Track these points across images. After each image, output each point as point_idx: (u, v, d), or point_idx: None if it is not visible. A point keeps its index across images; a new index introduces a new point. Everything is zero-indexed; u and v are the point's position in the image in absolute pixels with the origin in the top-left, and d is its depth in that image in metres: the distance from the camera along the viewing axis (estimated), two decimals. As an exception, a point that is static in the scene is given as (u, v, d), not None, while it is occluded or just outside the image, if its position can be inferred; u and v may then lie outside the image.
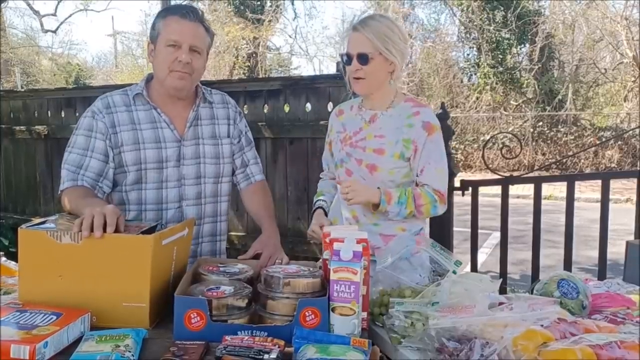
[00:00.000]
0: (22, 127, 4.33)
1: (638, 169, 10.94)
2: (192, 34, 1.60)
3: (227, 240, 1.92)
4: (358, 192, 1.68)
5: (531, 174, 3.35)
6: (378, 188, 1.71)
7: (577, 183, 2.81)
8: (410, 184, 1.79)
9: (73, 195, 1.54)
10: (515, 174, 3.03)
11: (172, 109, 1.69)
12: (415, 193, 1.72)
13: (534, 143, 13.24)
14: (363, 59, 1.70)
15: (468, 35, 14.70)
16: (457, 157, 13.23)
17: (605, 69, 14.26)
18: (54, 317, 1.15)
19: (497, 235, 4.07)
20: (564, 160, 12.45)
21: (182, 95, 1.68)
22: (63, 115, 4.16)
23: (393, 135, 1.76)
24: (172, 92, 1.65)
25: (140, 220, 1.64)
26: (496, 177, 2.85)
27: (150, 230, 1.35)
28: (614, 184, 2.95)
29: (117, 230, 1.27)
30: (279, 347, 1.08)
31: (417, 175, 1.76)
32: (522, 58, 14.32)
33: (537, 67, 13.48)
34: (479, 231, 2.99)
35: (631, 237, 2.41)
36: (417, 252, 1.67)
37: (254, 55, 15.26)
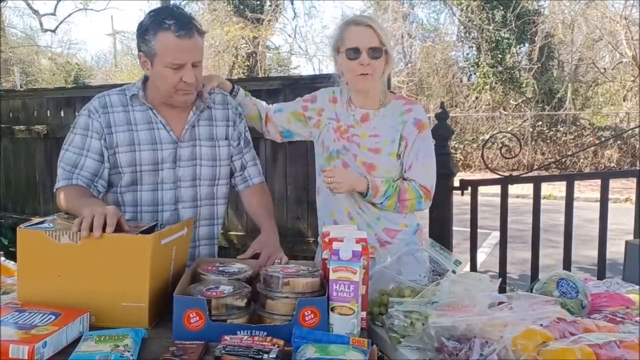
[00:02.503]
0: (21, 126, 4.32)
1: (637, 168, 10.94)
2: (192, 52, 1.54)
3: (226, 239, 1.91)
4: (341, 183, 1.70)
5: (530, 174, 3.35)
6: (365, 177, 1.72)
7: (576, 183, 2.81)
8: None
9: (69, 194, 1.53)
10: (514, 173, 3.03)
11: (169, 111, 1.67)
12: (402, 188, 1.74)
13: (533, 143, 13.25)
14: (375, 53, 1.69)
15: (467, 35, 14.70)
16: (456, 157, 13.24)
17: (604, 69, 14.28)
18: (53, 317, 1.14)
19: (496, 234, 4.07)
20: (563, 159, 12.45)
21: (186, 106, 1.67)
22: (62, 115, 4.14)
23: (388, 134, 1.76)
24: (177, 105, 1.64)
25: (137, 221, 1.63)
26: (495, 176, 2.85)
27: (149, 230, 1.35)
28: (613, 183, 2.94)
29: (120, 230, 1.27)
30: (278, 346, 1.08)
31: (405, 171, 1.78)
32: (522, 58, 14.33)
33: (536, 66, 13.48)
34: (478, 231, 2.99)
35: (630, 237, 2.41)
36: (418, 250, 1.69)
37: (253, 54, 15.24)
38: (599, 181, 2.70)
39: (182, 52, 1.53)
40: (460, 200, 3.01)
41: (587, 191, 9.01)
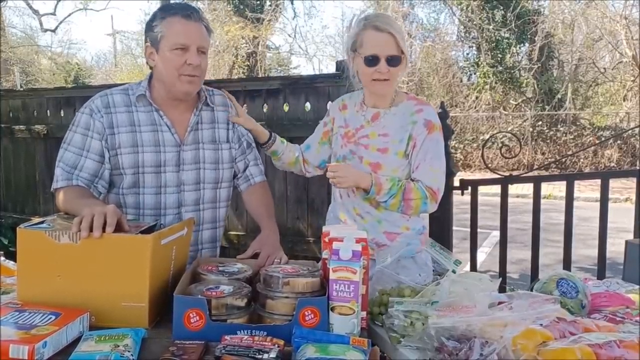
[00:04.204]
0: (21, 126, 4.33)
1: (637, 168, 10.94)
2: (198, 35, 1.57)
3: (226, 239, 1.91)
4: (345, 177, 1.70)
5: (530, 174, 3.35)
6: (370, 174, 1.72)
7: (576, 182, 2.81)
8: None
9: (69, 195, 1.52)
10: (514, 173, 3.03)
11: (174, 112, 1.66)
12: (407, 187, 1.72)
13: (533, 142, 13.25)
14: (394, 61, 1.69)
15: (467, 35, 14.70)
16: (456, 157, 13.24)
17: (604, 69, 14.27)
18: (53, 317, 1.14)
19: (496, 234, 4.07)
20: (563, 159, 12.45)
21: (189, 98, 1.66)
22: (62, 115, 4.15)
23: (397, 133, 1.76)
24: (180, 96, 1.62)
25: (137, 221, 1.63)
26: (495, 176, 2.85)
27: (149, 230, 1.35)
28: (613, 183, 2.94)
29: (121, 230, 1.26)
30: (278, 346, 1.08)
31: (412, 172, 1.77)
32: (522, 57, 14.33)
33: (536, 66, 13.48)
34: (478, 230, 2.98)
35: (630, 236, 2.41)
36: (419, 252, 1.68)
37: (253, 54, 15.24)
38: (599, 181, 2.70)
39: (188, 33, 1.55)
40: (460, 200, 3.01)
41: (587, 191, 9.01)
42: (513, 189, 3.19)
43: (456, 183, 2.90)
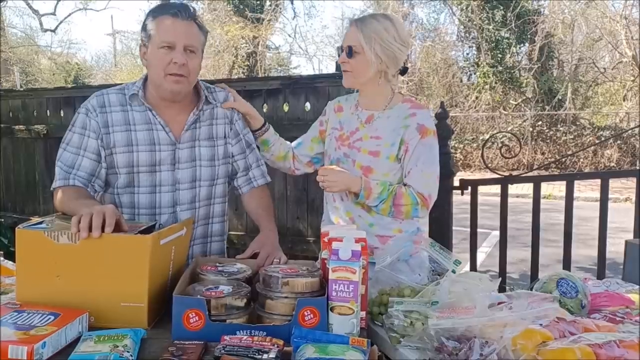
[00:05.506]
0: (21, 126, 4.32)
1: (637, 168, 10.94)
2: (185, 33, 1.55)
3: (226, 239, 1.90)
4: (335, 182, 1.70)
5: (530, 173, 3.36)
6: (360, 178, 1.71)
7: (576, 182, 2.81)
8: None
9: (66, 195, 1.52)
10: (514, 173, 3.03)
11: (169, 111, 1.65)
12: (398, 193, 1.70)
13: (533, 142, 13.25)
14: (349, 51, 1.71)
15: (467, 35, 14.71)
16: (456, 157, 13.24)
17: (604, 68, 14.29)
18: (52, 318, 1.14)
19: (495, 234, 4.07)
20: (563, 159, 12.45)
21: (179, 99, 1.64)
22: (62, 115, 4.14)
23: (390, 137, 1.74)
24: (168, 96, 1.61)
25: (135, 221, 1.62)
26: (495, 176, 2.84)
27: (148, 230, 1.35)
28: (613, 183, 2.94)
29: (120, 230, 1.26)
30: (277, 346, 1.08)
31: (404, 176, 1.75)
32: (522, 57, 14.34)
33: (536, 66, 13.49)
34: (478, 230, 2.98)
35: (630, 236, 2.40)
36: (415, 253, 1.67)
37: (253, 54, 15.25)
38: (599, 181, 2.70)
39: (175, 31, 1.54)
40: (460, 200, 3.01)
41: (587, 191, 9.01)
42: (513, 189, 3.19)
43: (456, 183, 2.90)
